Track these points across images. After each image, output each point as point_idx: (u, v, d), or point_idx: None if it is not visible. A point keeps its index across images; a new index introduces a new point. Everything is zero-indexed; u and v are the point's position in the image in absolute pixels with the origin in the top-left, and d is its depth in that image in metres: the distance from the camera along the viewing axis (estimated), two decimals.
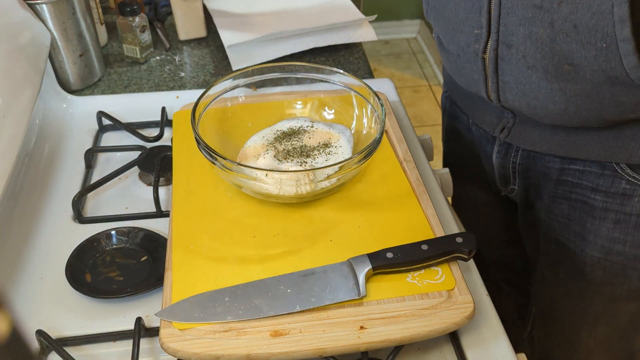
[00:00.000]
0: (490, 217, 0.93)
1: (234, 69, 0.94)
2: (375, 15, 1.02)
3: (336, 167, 0.59)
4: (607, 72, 0.55)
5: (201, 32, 1.04)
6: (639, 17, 0.51)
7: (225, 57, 0.99)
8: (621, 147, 0.63)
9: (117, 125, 0.79)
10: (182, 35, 1.04)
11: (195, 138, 0.60)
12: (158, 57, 1.00)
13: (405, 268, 0.55)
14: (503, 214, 0.90)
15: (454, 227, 0.66)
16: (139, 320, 0.55)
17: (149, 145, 0.76)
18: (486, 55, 0.62)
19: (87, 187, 0.69)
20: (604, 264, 0.71)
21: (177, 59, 1.00)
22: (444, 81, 0.91)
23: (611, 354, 0.83)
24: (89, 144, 0.78)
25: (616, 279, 0.72)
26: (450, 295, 0.53)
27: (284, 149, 0.66)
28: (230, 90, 0.70)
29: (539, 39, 0.56)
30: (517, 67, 0.60)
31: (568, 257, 0.75)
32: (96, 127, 0.81)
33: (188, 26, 1.03)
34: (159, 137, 0.77)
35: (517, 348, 0.56)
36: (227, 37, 0.97)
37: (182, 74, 0.96)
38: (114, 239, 0.64)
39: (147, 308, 0.58)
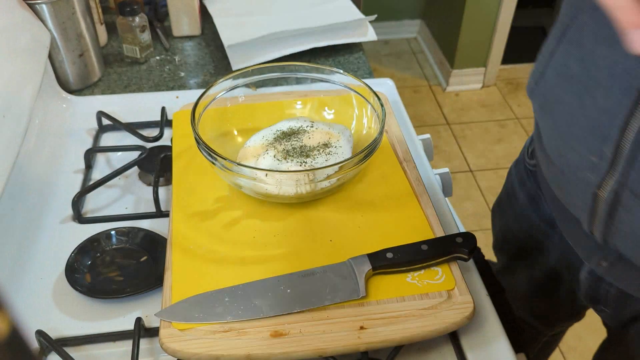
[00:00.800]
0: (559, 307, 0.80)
1: (234, 69, 0.94)
2: (375, 15, 1.02)
3: (336, 167, 0.59)
4: None
5: (195, 30, 1.04)
6: None
7: (225, 57, 0.99)
8: None
9: (117, 125, 0.79)
10: (176, 32, 1.04)
11: (195, 138, 0.60)
12: (158, 57, 1.00)
13: (405, 268, 0.55)
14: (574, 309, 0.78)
15: (454, 227, 0.66)
16: (138, 320, 0.55)
17: (148, 145, 0.76)
18: (601, 193, 0.49)
19: (87, 187, 0.69)
20: None
21: (177, 59, 1.00)
22: (530, 149, 0.71)
23: None
24: (89, 144, 0.78)
25: None
26: (450, 295, 0.53)
27: (284, 149, 0.66)
28: (230, 90, 0.70)
29: None
30: None
31: None
32: (96, 127, 0.81)
33: (182, 23, 1.03)
34: (158, 137, 0.77)
35: (516, 348, 0.56)
36: (227, 37, 0.97)
37: (182, 74, 0.96)
38: (114, 239, 0.64)
39: (147, 308, 0.58)
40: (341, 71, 0.70)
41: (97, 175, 0.73)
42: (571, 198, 0.55)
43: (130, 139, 0.77)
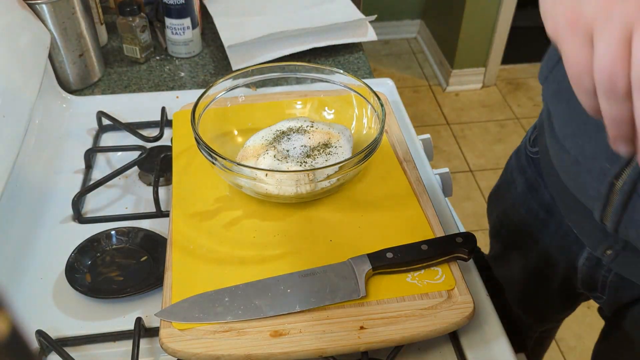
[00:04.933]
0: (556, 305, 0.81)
1: (234, 69, 0.94)
2: (375, 15, 1.02)
3: (336, 167, 0.59)
4: None
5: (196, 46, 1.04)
6: None
7: (225, 57, 0.99)
8: None
9: (117, 125, 0.79)
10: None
11: (195, 138, 0.60)
12: (158, 57, 1.00)
13: (405, 268, 0.55)
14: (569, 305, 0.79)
15: (454, 227, 0.66)
16: (139, 320, 0.55)
17: (149, 145, 0.76)
18: (618, 182, 0.49)
19: (87, 187, 0.69)
20: None
21: (177, 59, 1.00)
22: (532, 138, 0.72)
23: None
24: (89, 144, 0.78)
25: None
26: (450, 295, 0.53)
27: (284, 149, 0.66)
28: (230, 90, 0.70)
29: None
30: None
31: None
32: (96, 127, 0.81)
33: None
34: (159, 137, 0.77)
35: (517, 348, 0.56)
36: (227, 37, 0.97)
37: (182, 74, 0.96)
38: (114, 239, 0.64)
39: (147, 308, 0.58)
40: (341, 71, 0.70)
41: (97, 175, 0.73)
42: (584, 187, 0.54)
43: (130, 139, 0.77)
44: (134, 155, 0.74)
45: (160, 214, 0.67)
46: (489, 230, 0.88)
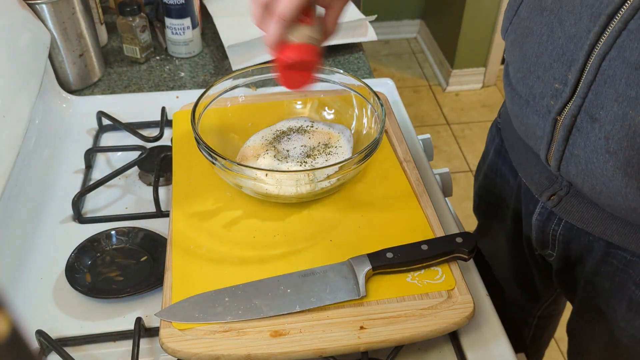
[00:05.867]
0: (519, 269, 0.84)
1: (234, 69, 0.94)
2: (375, 15, 1.02)
3: (336, 167, 0.59)
4: None
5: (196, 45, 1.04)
6: None
7: (225, 57, 0.99)
8: None
9: (117, 125, 0.79)
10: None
11: (195, 138, 0.60)
12: (158, 57, 1.00)
13: (405, 268, 0.55)
14: (536, 271, 0.81)
15: (454, 227, 0.66)
16: (139, 320, 0.55)
17: (149, 145, 0.76)
18: (560, 118, 0.52)
19: (87, 187, 0.69)
20: (633, 351, 0.64)
21: (177, 59, 1.00)
22: (500, 110, 0.79)
23: None
24: (89, 144, 0.78)
25: None
26: (450, 295, 0.53)
27: (284, 149, 0.66)
28: (230, 90, 0.70)
29: (633, 125, 0.46)
30: (595, 146, 0.50)
31: (603, 329, 0.67)
32: (96, 127, 0.81)
33: None
34: (159, 137, 0.77)
35: (517, 348, 0.56)
36: (227, 37, 0.97)
37: (182, 74, 0.96)
38: (114, 239, 0.64)
39: (147, 308, 0.58)
40: (341, 71, 0.70)
41: (97, 175, 0.73)
42: (532, 128, 0.57)
43: (130, 139, 0.77)
44: (134, 155, 0.74)
45: (160, 214, 0.67)
46: (472, 209, 0.92)
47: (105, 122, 0.81)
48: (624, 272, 0.60)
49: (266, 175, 0.58)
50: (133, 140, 0.77)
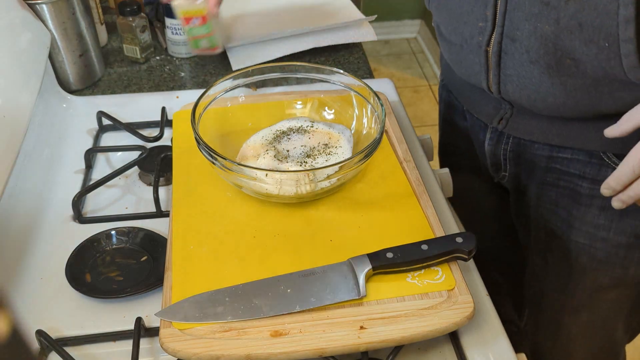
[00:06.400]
0: (485, 205, 0.95)
1: (234, 69, 0.94)
2: (375, 15, 1.02)
3: (336, 167, 0.59)
4: (606, 70, 0.57)
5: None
6: None
7: (225, 57, 0.99)
8: (618, 138, 0.61)
9: (117, 125, 0.79)
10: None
11: (195, 138, 0.60)
12: (158, 57, 1.00)
13: (405, 268, 0.55)
14: (497, 203, 0.91)
15: (454, 227, 0.66)
16: (139, 320, 0.55)
17: (149, 145, 0.76)
18: (489, 48, 0.63)
19: (87, 187, 0.69)
20: (589, 250, 0.73)
21: (177, 59, 1.00)
22: (441, 70, 0.92)
23: (593, 342, 0.85)
24: (89, 144, 0.78)
25: (600, 265, 0.74)
26: (450, 295, 0.53)
27: (284, 149, 0.66)
28: (230, 90, 0.70)
29: (543, 34, 0.58)
30: (520, 61, 0.61)
31: (556, 244, 0.77)
32: (96, 127, 0.81)
33: None
34: (159, 137, 0.77)
35: (517, 348, 0.56)
36: (227, 37, 0.97)
37: (182, 74, 0.96)
38: (114, 239, 0.64)
39: (147, 308, 0.58)
40: (341, 71, 0.70)
41: (97, 175, 0.73)
42: (471, 67, 0.68)
43: (130, 139, 0.77)
44: (134, 155, 0.74)
45: (160, 214, 0.67)
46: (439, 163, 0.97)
47: (105, 122, 0.81)
48: (567, 173, 0.70)
49: (266, 175, 0.58)
50: (133, 140, 0.77)
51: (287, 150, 0.66)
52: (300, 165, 0.64)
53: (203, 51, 0.90)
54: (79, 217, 0.67)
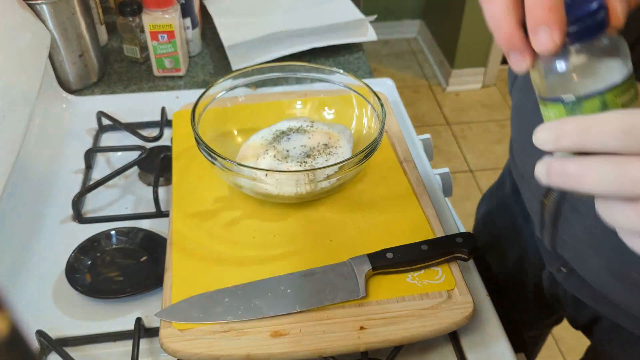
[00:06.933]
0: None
1: (234, 69, 0.94)
2: (375, 15, 1.02)
3: (336, 167, 0.59)
4: None
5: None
6: None
7: (225, 57, 0.99)
8: None
9: (117, 125, 0.79)
10: None
11: (195, 138, 0.60)
12: None
13: (405, 268, 0.55)
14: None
15: (454, 227, 0.66)
16: (139, 320, 0.55)
17: (149, 145, 0.76)
18: (547, 202, 0.51)
19: (87, 187, 0.69)
20: None
21: None
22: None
23: None
24: (89, 144, 0.78)
25: None
26: (450, 295, 0.53)
27: (284, 149, 0.66)
28: (230, 90, 0.70)
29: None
30: (579, 238, 0.49)
31: None
32: (96, 127, 0.81)
33: None
34: (158, 137, 0.77)
35: (516, 348, 0.56)
36: (227, 37, 0.97)
37: (182, 74, 0.96)
38: (114, 239, 0.64)
39: (147, 308, 0.58)
40: (341, 71, 0.70)
41: (97, 175, 0.73)
42: (528, 202, 0.58)
43: (130, 139, 0.77)
44: (134, 155, 0.74)
45: (160, 214, 0.67)
46: (473, 229, 0.88)
47: (105, 122, 0.81)
48: (634, 345, 0.58)
49: (266, 175, 0.58)
50: (133, 140, 0.77)
51: (287, 150, 0.66)
52: (300, 165, 0.64)
53: (167, 72, 0.92)
54: (79, 217, 0.67)
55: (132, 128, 0.78)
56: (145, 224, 0.66)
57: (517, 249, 0.74)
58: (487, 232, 0.84)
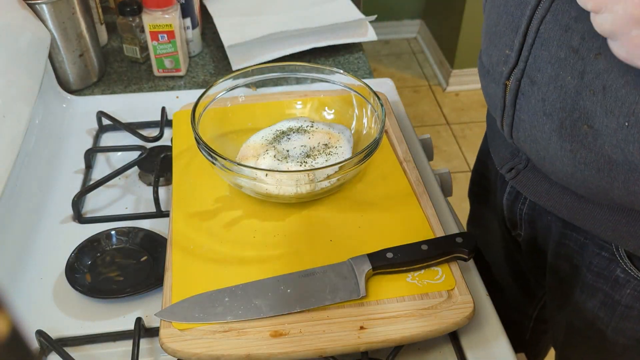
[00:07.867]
0: (503, 251, 0.86)
1: (234, 69, 0.94)
2: (375, 15, 1.02)
3: (336, 167, 0.59)
4: (625, 154, 0.46)
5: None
6: None
7: (225, 57, 0.99)
8: (633, 234, 0.53)
9: (117, 125, 0.79)
10: None
11: (195, 138, 0.60)
12: None
13: (405, 268, 0.55)
14: (512, 251, 0.83)
15: (454, 227, 0.66)
16: (139, 320, 0.55)
17: (149, 145, 0.76)
18: (508, 83, 0.54)
19: (87, 187, 0.69)
20: (586, 334, 0.66)
21: None
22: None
23: None
24: (89, 144, 0.78)
25: (588, 352, 0.68)
26: (450, 295, 0.53)
27: (284, 149, 0.66)
28: (230, 90, 0.70)
29: (564, 86, 0.48)
30: (534, 109, 0.52)
31: (564, 314, 0.70)
32: (96, 127, 0.81)
33: None
34: (158, 137, 0.77)
35: (517, 348, 0.56)
36: (227, 37, 0.97)
37: (182, 74, 0.96)
38: (114, 239, 0.64)
39: (147, 308, 0.58)
40: (341, 71, 0.70)
41: (97, 175, 0.73)
42: (492, 97, 0.59)
43: (130, 139, 0.77)
44: (134, 155, 0.74)
45: (160, 214, 0.67)
46: (467, 192, 0.91)
47: (105, 122, 0.81)
48: (579, 254, 0.63)
49: (266, 175, 0.58)
50: (133, 140, 0.77)
51: (287, 150, 0.66)
52: (300, 165, 0.64)
53: (167, 72, 0.92)
54: (79, 217, 0.67)
55: (132, 128, 0.78)
56: (145, 224, 0.66)
57: (499, 192, 0.76)
58: (477, 189, 0.86)
